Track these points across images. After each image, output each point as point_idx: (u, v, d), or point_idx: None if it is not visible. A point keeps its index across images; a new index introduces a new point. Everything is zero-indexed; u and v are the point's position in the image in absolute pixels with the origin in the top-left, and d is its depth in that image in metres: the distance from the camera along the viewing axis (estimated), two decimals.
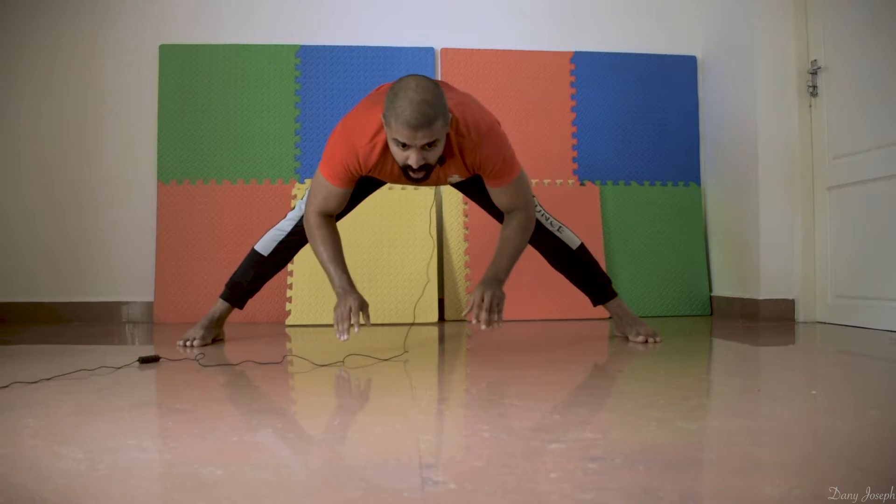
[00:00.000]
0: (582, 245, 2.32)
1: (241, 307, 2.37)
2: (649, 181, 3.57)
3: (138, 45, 3.40)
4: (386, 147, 1.86)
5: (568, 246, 2.29)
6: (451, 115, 1.80)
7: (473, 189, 2.19)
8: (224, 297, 2.34)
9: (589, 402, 1.34)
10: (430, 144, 1.74)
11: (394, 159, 1.86)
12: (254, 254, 2.30)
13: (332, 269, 1.96)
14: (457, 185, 2.18)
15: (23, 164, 3.35)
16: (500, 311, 1.85)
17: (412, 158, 1.74)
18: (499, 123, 1.98)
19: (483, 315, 1.81)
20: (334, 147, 1.92)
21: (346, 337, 1.81)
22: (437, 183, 2.07)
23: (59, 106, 3.36)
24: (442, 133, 1.75)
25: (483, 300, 1.83)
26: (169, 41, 3.41)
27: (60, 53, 3.37)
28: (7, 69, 3.35)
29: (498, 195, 2.02)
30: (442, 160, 1.92)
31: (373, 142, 1.87)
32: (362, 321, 1.85)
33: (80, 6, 3.38)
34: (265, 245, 2.28)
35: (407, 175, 1.82)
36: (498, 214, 2.19)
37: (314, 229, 2.00)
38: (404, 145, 1.73)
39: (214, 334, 2.32)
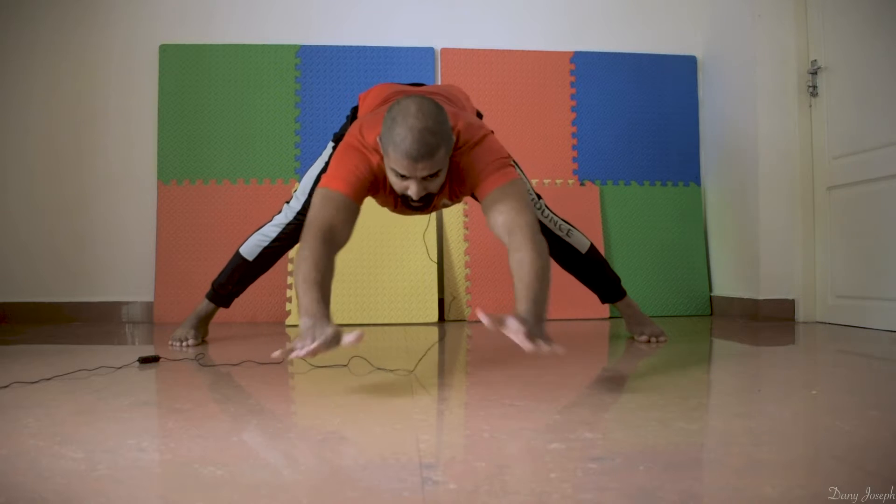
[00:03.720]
0: (592, 246, 2.27)
1: (227, 307, 2.38)
2: (649, 181, 3.57)
3: (138, 45, 3.40)
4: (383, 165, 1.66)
5: (577, 250, 2.23)
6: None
7: None
8: (210, 297, 2.35)
9: (589, 403, 1.34)
10: (433, 175, 1.57)
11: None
12: (238, 257, 2.28)
13: (311, 293, 1.50)
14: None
15: (23, 164, 3.35)
16: (545, 340, 1.42)
17: (412, 189, 1.58)
18: (492, 132, 1.77)
19: (529, 346, 1.38)
20: (341, 159, 1.69)
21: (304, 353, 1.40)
22: (433, 209, 1.84)
23: (60, 106, 3.36)
24: (445, 162, 1.58)
25: (527, 336, 1.38)
26: (169, 41, 3.41)
27: (60, 53, 3.37)
28: (7, 69, 3.35)
29: (491, 206, 1.65)
30: (442, 186, 1.70)
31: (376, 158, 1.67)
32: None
33: (80, 6, 3.38)
34: (249, 250, 2.25)
35: (406, 204, 1.67)
36: None
37: (310, 247, 1.56)
38: (403, 176, 1.56)
39: (203, 333, 2.34)
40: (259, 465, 0.92)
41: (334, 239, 1.61)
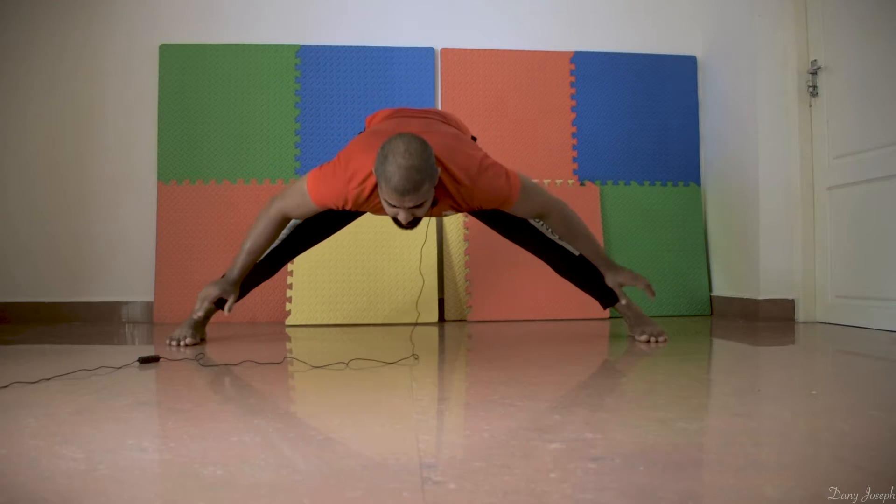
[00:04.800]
0: None
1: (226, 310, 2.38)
2: (649, 181, 3.57)
3: (138, 45, 3.40)
4: (375, 188, 1.92)
5: (570, 252, 2.29)
6: (439, 168, 1.86)
7: (480, 215, 2.30)
8: None
9: (589, 402, 1.34)
10: (418, 205, 1.81)
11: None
12: None
13: (240, 262, 2.14)
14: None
15: (23, 165, 3.35)
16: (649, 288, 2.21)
17: (401, 216, 1.84)
18: (485, 155, 2.01)
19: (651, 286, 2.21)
20: (331, 175, 1.98)
21: (200, 314, 2.15)
22: (430, 216, 2.13)
23: (60, 106, 3.36)
24: (429, 194, 1.82)
25: (640, 279, 2.19)
26: (169, 41, 3.41)
27: (61, 54, 3.37)
28: (7, 69, 3.35)
29: (517, 212, 2.08)
30: (434, 202, 1.96)
31: (363, 185, 1.93)
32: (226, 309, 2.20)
33: (80, 6, 3.38)
34: None
35: (397, 225, 1.91)
36: (503, 231, 2.31)
37: (265, 220, 2.10)
38: (394, 205, 1.81)
39: (201, 334, 2.34)
40: (259, 465, 0.92)
41: (288, 218, 2.13)
